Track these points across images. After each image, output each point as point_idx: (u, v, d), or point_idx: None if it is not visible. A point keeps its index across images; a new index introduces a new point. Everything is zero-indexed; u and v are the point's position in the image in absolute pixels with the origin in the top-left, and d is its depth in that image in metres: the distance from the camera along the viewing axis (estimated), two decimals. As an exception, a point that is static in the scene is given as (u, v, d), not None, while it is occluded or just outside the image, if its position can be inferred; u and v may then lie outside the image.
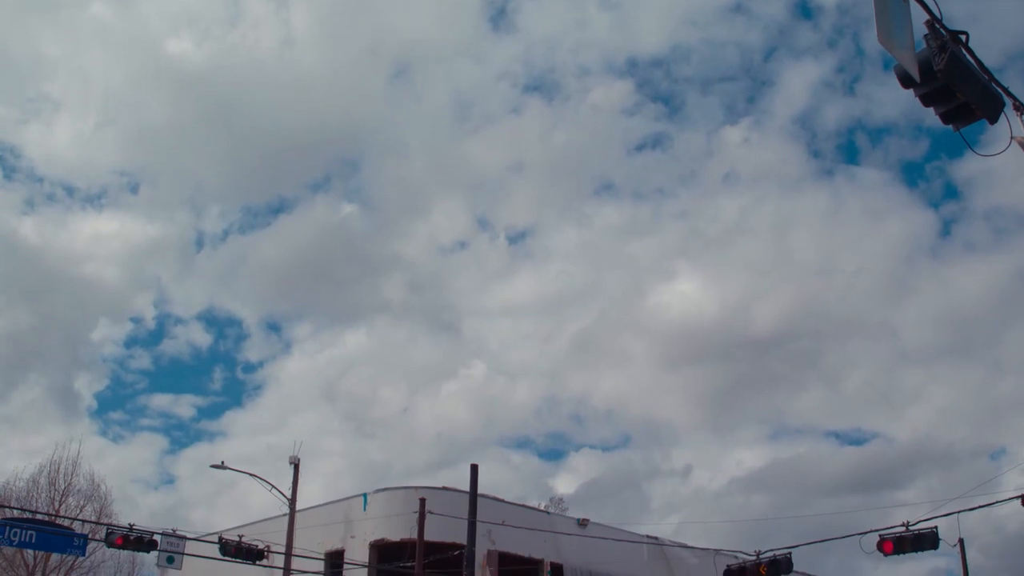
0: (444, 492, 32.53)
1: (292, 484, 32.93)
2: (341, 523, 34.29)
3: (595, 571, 36.13)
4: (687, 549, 39.47)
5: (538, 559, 35.10)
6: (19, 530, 25.31)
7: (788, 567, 25.99)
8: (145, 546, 26.38)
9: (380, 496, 34.15)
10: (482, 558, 31.62)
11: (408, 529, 30.39)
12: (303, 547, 31.34)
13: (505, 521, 32.77)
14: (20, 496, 39.05)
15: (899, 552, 23.72)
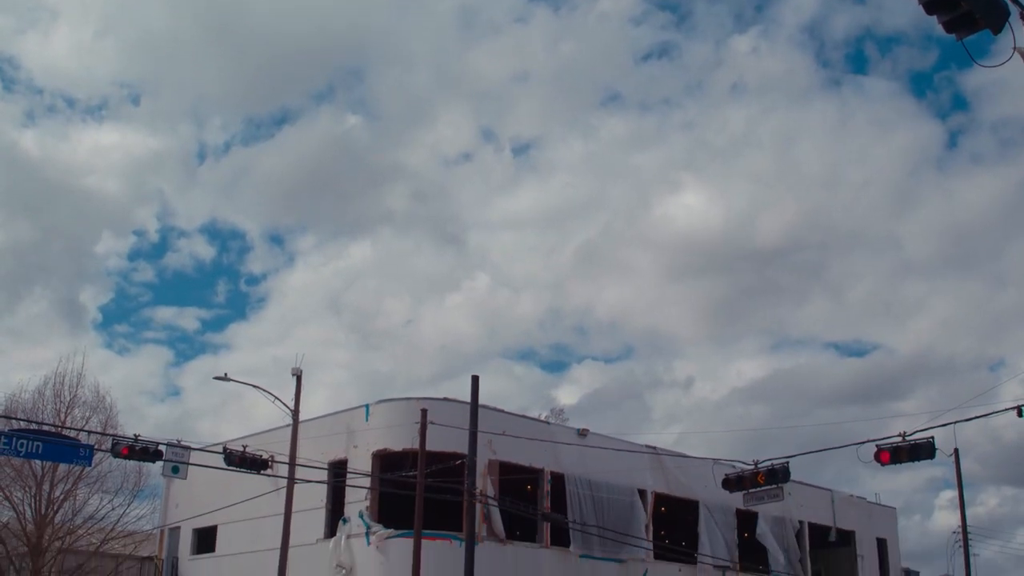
0: (445, 403, 32.84)
1: (295, 395, 33.27)
2: (344, 433, 34.70)
3: (594, 480, 36.67)
4: (686, 459, 40.00)
5: (538, 468, 35.60)
6: (26, 441, 25.55)
7: (785, 476, 26.32)
8: (150, 456, 26.68)
9: (382, 407, 34.48)
10: (483, 467, 32.06)
11: (410, 439, 30.75)
12: (306, 457, 31.78)
13: (506, 431, 33.13)
14: (26, 408, 39.41)
15: (896, 462, 23.98)
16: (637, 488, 38.36)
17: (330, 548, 33.50)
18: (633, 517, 37.79)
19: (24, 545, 39.12)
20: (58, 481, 39.96)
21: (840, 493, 48.94)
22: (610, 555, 36.74)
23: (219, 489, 35.62)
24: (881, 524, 51.22)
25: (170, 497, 42.12)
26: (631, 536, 36.58)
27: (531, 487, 35.85)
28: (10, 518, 40.21)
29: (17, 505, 39.79)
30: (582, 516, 35.93)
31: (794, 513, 44.18)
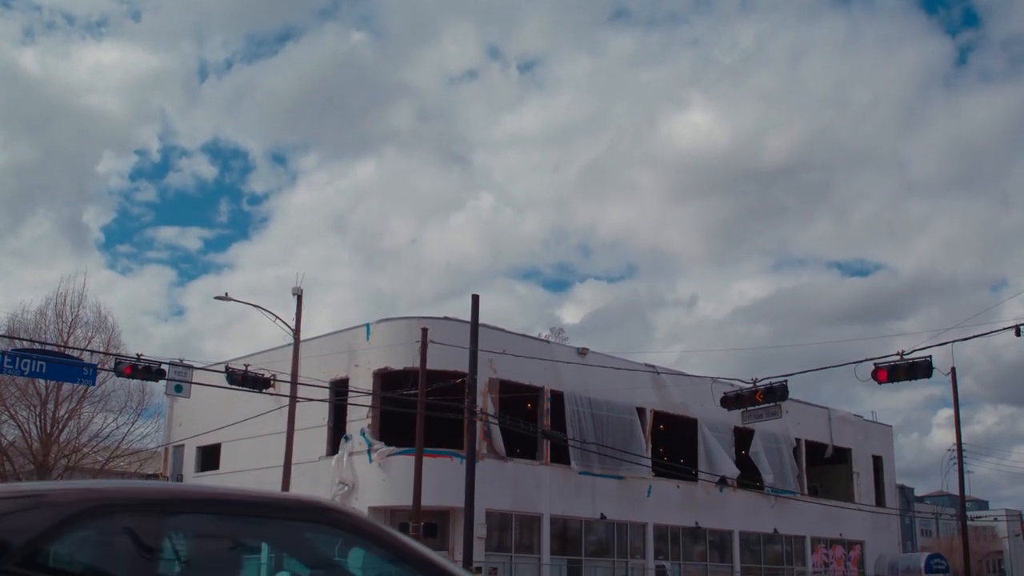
0: (446, 322, 32.95)
1: (296, 315, 33.35)
2: (345, 352, 34.89)
3: (594, 398, 36.98)
4: (685, 377, 40.28)
5: (539, 387, 35.87)
6: (29, 360, 25.70)
7: (784, 394, 26.50)
8: (153, 375, 26.84)
9: (383, 326, 34.62)
10: (483, 386, 32.29)
11: (411, 358, 30.92)
12: (308, 376, 31.98)
13: (506, 350, 33.30)
14: (29, 328, 39.51)
15: (893, 380, 24.11)
16: (636, 406, 38.71)
17: (332, 465, 33.95)
18: (632, 435, 38.21)
19: (31, 463, 39.60)
20: (62, 400, 40.26)
21: (837, 411, 49.41)
22: (610, 472, 37.24)
23: (222, 408, 35.96)
24: (877, 442, 51.81)
25: (174, 416, 42.54)
26: (630, 453, 37.02)
27: (531, 405, 36.16)
28: (16, 437, 40.63)
29: (23, 424, 40.17)
30: (582, 434, 36.32)
31: (791, 431, 44.66)
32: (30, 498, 4.35)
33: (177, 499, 4.59)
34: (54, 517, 4.10)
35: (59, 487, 4.49)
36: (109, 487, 4.55)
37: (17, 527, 4.02)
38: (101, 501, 4.30)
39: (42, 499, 4.31)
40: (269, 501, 4.76)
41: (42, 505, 4.21)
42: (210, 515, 4.48)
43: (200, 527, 4.45)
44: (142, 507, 4.32)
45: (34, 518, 4.09)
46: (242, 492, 4.80)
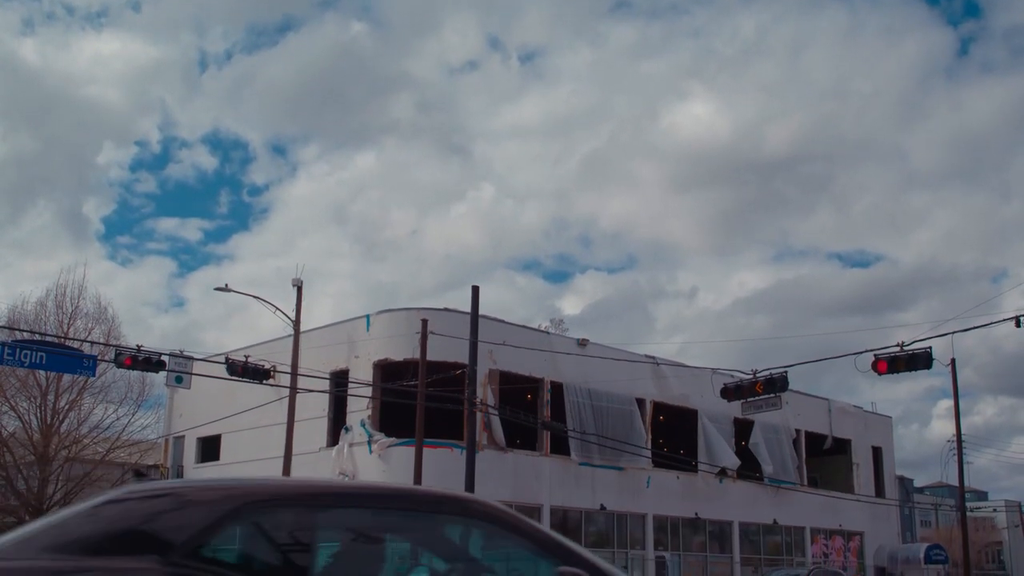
0: (446, 313, 32.95)
1: (296, 306, 33.34)
2: (345, 343, 34.89)
3: (594, 389, 37.00)
4: (685, 368, 40.29)
5: (538, 378, 35.88)
6: (30, 351, 25.69)
7: (784, 385, 26.50)
8: (153, 366, 26.82)
9: (383, 317, 34.62)
10: (484, 377, 32.31)
11: (411, 349, 30.93)
12: (309, 367, 31.99)
13: (506, 341, 33.30)
14: (29, 319, 39.52)
15: (893, 371, 24.09)
16: (636, 397, 38.73)
17: (333, 456, 33.98)
18: (632, 426, 38.24)
19: (31, 454, 39.64)
20: (63, 391, 40.27)
21: (837, 402, 49.44)
22: (609, 463, 37.28)
23: (223, 399, 35.98)
24: (876, 433, 51.86)
25: (174, 407, 42.57)
26: (630, 444, 37.05)
27: (531, 396, 36.18)
28: (16, 428, 40.65)
29: (23, 415, 40.18)
30: (581, 425, 36.35)
31: (791, 422, 44.69)
32: (190, 495, 4.57)
33: (324, 494, 4.78)
34: (214, 513, 4.33)
35: (217, 484, 4.74)
36: (264, 483, 4.82)
37: (180, 523, 4.26)
38: (256, 497, 4.53)
39: (202, 496, 4.53)
40: (412, 494, 5.00)
41: (203, 501, 4.44)
42: (354, 509, 4.66)
43: (344, 521, 4.62)
44: (292, 502, 4.57)
45: (196, 514, 4.31)
46: (386, 486, 5.11)
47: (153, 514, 4.35)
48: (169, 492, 4.71)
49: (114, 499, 4.48)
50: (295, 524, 4.47)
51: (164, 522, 4.29)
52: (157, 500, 4.50)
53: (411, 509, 4.74)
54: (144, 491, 4.60)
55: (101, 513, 4.37)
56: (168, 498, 4.54)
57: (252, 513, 4.43)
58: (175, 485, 4.91)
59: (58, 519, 4.41)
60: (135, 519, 4.33)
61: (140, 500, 4.49)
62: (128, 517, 4.34)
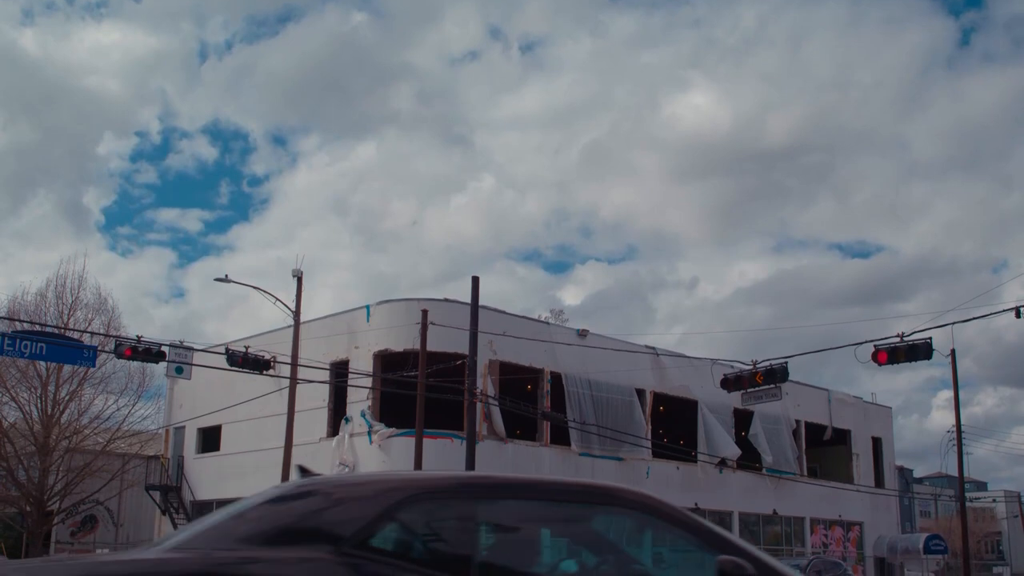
0: (446, 303, 32.95)
1: (296, 296, 33.35)
2: (345, 334, 34.90)
3: (594, 380, 37.02)
4: (685, 359, 40.30)
5: (538, 368, 35.90)
6: (30, 342, 25.69)
7: (784, 376, 26.51)
8: (153, 357, 26.78)
9: (383, 308, 34.62)
10: (484, 367, 32.32)
11: (411, 340, 30.93)
12: (309, 357, 32.00)
13: (506, 332, 33.33)
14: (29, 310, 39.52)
15: (893, 362, 24.10)
16: (636, 388, 38.75)
17: (333, 446, 34.02)
18: (632, 416, 38.26)
19: (32, 444, 39.68)
20: (63, 382, 40.30)
21: (836, 393, 49.47)
22: (609, 453, 37.30)
23: (223, 389, 36.01)
24: (876, 423, 51.91)
25: (174, 398, 42.59)
26: (630, 435, 37.08)
27: (531, 387, 36.21)
28: (17, 418, 40.70)
29: (23, 406, 40.22)
30: (581, 415, 36.38)
31: (791, 413, 44.73)
32: (359, 488, 4.83)
33: (483, 485, 4.97)
34: (381, 505, 4.53)
35: (384, 477, 5.04)
36: (427, 475, 5.09)
37: (350, 515, 4.48)
38: (421, 488, 4.75)
39: (370, 488, 4.76)
40: (568, 486, 5.11)
41: (371, 494, 4.66)
42: (512, 500, 4.81)
43: (503, 512, 4.77)
44: (454, 493, 4.76)
45: (364, 506, 4.53)
46: (543, 478, 5.19)
47: (324, 507, 4.57)
48: (338, 485, 4.94)
49: (287, 493, 4.74)
50: (457, 515, 4.64)
51: (334, 514, 4.51)
52: (327, 493, 4.71)
53: (567, 500, 4.87)
54: (315, 485, 4.81)
55: (275, 506, 4.63)
56: (338, 491, 4.76)
57: (417, 504, 4.61)
58: (344, 479, 5.30)
59: (236, 511, 4.66)
60: (307, 512, 4.55)
61: (311, 493, 4.70)
62: (301, 510, 4.57)
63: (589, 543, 5.04)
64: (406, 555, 4.57)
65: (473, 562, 4.48)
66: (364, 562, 4.32)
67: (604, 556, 4.97)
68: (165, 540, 4.63)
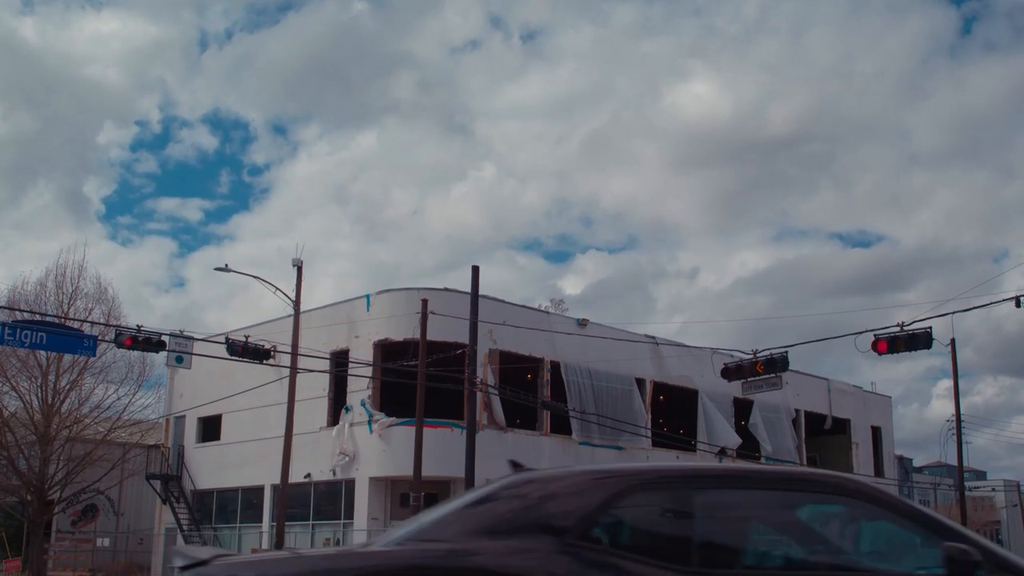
0: (446, 293, 32.94)
1: (296, 286, 33.35)
2: (345, 324, 34.90)
3: (594, 369, 37.03)
4: (685, 348, 40.32)
5: (538, 358, 35.91)
6: (30, 332, 25.68)
7: (784, 365, 26.52)
8: (153, 346, 26.79)
9: (383, 297, 34.61)
10: (484, 357, 32.33)
11: (411, 329, 30.93)
12: (309, 347, 32.01)
13: (506, 321, 33.32)
14: (29, 299, 39.54)
15: (893, 352, 24.09)
16: (635, 377, 38.76)
17: (333, 436, 34.06)
18: (631, 406, 38.29)
19: (32, 434, 39.72)
20: (63, 371, 40.34)
21: (836, 382, 49.50)
22: (609, 442, 37.33)
23: (223, 379, 36.04)
24: (876, 413, 51.95)
25: (174, 387, 42.61)
26: (629, 424, 37.11)
27: (531, 376, 36.23)
28: (17, 408, 40.75)
29: (24, 395, 40.27)
30: (581, 404, 36.41)
31: (791, 402, 44.76)
32: (578, 479, 4.96)
33: (700, 476, 5.10)
34: (601, 496, 4.67)
35: (602, 469, 5.15)
36: (644, 467, 5.27)
37: (570, 506, 4.62)
38: (639, 479, 4.89)
39: (589, 480, 4.91)
40: (786, 476, 5.23)
41: (590, 485, 4.81)
42: (729, 490, 4.89)
43: (720, 501, 4.83)
44: (672, 484, 4.87)
45: (584, 497, 4.66)
46: (761, 468, 5.47)
47: (544, 499, 4.73)
48: (558, 478, 5.04)
49: (506, 486, 4.90)
50: (675, 505, 4.74)
51: (555, 506, 4.66)
52: (546, 486, 4.87)
53: (784, 489, 4.93)
54: (533, 478, 4.96)
55: (497, 499, 4.83)
56: (558, 483, 4.91)
57: (635, 495, 4.75)
58: (563, 471, 5.22)
59: (458, 505, 4.89)
60: (528, 504, 4.72)
61: (533, 486, 4.87)
62: (522, 502, 4.74)
63: (806, 532, 5.06)
64: (626, 545, 4.67)
65: (691, 551, 4.55)
66: (586, 552, 4.46)
67: (821, 545, 5.00)
68: (391, 535, 4.87)
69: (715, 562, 4.58)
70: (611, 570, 4.44)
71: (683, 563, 4.47)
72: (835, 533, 5.00)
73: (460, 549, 4.47)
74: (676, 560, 4.48)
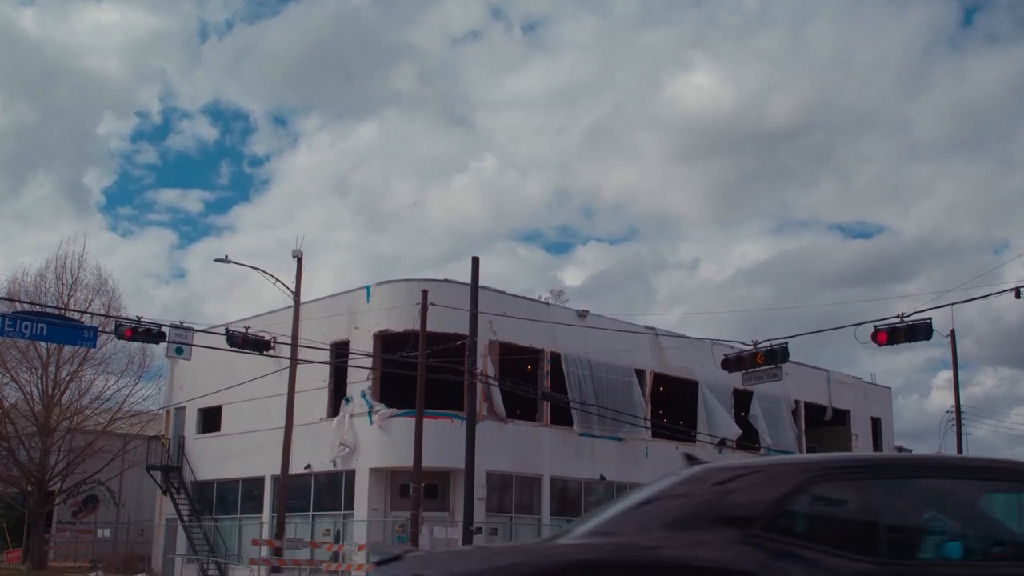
0: (446, 284, 32.94)
1: (296, 277, 33.39)
2: (345, 315, 34.91)
3: (593, 360, 37.03)
4: (685, 339, 40.31)
5: (538, 348, 35.91)
6: (30, 323, 25.71)
7: (784, 356, 26.51)
8: (153, 338, 26.79)
9: (383, 288, 34.60)
10: (484, 348, 32.33)
11: (411, 320, 30.92)
12: (309, 338, 32.01)
13: (506, 313, 33.31)
14: (29, 290, 39.59)
15: (892, 343, 24.07)
16: (636, 368, 38.77)
17: (333, 427, 34.08)
18: (631, 397, 38.31)
19: (33, 425, 39.79)
20: (64, 363, 40.41)
21: (836, 373, 49.51)
22: (609, 433, 37.38)
23: (223, 370, 36.03)
24: (876, 404, 51.96)
25: (175, 378, 42.62)
26: (629, 415, 37.13)
27: (531, 367, 36.23)
28: (18, 399, 40.84)
29: (24, 386, 40.36)
30: (581, 396, 36.42)
31: (791, 393, 44.77)
32: (762, 471, 5.02)
33: (884, 465, 5.12)
34: (785, 487, 4.68)
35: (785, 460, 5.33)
36: (829, 457, 5.28)
37: (755, 497, 4.65)
38: (825, 469, 4.91)
39: (773, 471, 4.96)
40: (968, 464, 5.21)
41: (774, 477, 4.84)
42: (911, 479, 4.87)
43: (905, 490, 4.83)
44: (855, 474, 4.87)
45: (769, 489, 4.68)
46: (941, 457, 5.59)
47: (728, 491, 4.78)
48: (739, 470, 5.10)
49: (688, 478, 4.94)
50: (861, 494, 4.71)
51: (739, 497, 4.69)
52: (730, 478, 4.92)
53: (967, 477, 4.89)
54: (714, 470, 5.02)
55: (680, 492, 4.86)
56: (740, 475, 4.95)
57: (821, 485, 4.74)
58: (743, 464, 5.32)
59: (640, 498, 4.95)
60: (713, 496, 4.77)
61: (713, 478, 4.91)
62: (705, 494, 4.78)
63: (988, 521, 5.03)
64: (811, 536, 4.64)
65: (878, 542, 4.53)
66: (772, 543, 4.46)
67: (1003, 533, 4.97)
68: (573, 529, 4.93)
69: (901, 552, 4.57)
70: (798, 561, 4.44)
71: (871, 553, 4.47)
72: (1017, 521, 5.00)
73: (647, 543, 4.50)
74: (863, 551, 4.48)
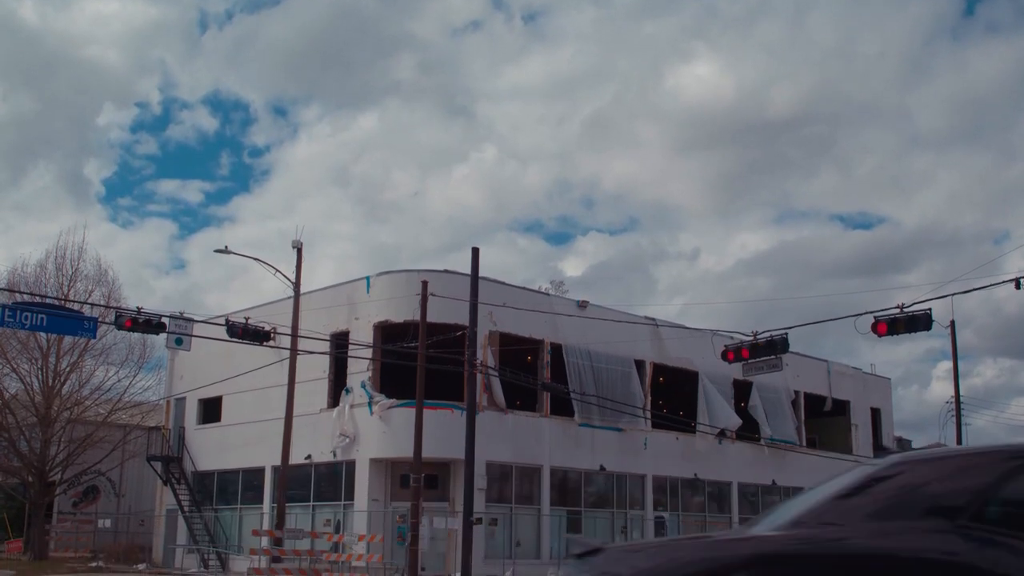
0: (446, 275, 32.93)
1: (296, 268, 33.37)
2: (345, 305, 34.91)
3: (593, 351, 37.05)
4: (685, 330, 40.32)
5: (539, 339, 35.93)
6: (30, 313, 25.66)
7: (784, 347, 26.46)
8: (153, 328, 26.71)
9: (383, 279, 34.60)
10: (484, 338, 32.34)
11: (411, 311, 30.94)
12: (309, 329, 32.03)
13: (506, 303, 33.32)
14: (29, 281, 39.57)
15: (892, 333, 24.01)
16: (635, 359, 38.80)
17: (333, 417, 34.12)
18: (631, 387, 38.33)
19: (33, 416, 39.80)
20: (64, 353, 40.41)
21: (836, 364, 49.55)
22: (609, 424, 37.42)
23: (224, 360, 36.04)
24: (875, 394, 52.01)
25: (175, 369, 42.66)
26: (629, 406, 37.16)
27: (531, 358, 36.25)
28: (18, 390, 40.83)
29: (24, 377, 40.35)
30: (581, 386, 36.45)
31: (791, 384, 44.80)
32: (966, 459, 4.94)
33: None
34: (993, 475, 4.59)
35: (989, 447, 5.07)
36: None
37: (961, 486, 4.57)
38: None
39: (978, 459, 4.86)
40: None
41: (979, 465, 4.74)
42: None
43: None
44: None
45: (975, 477, 4.60)
46: None
47: (931, 480, 4.69)
48: (941, 459, 5.02)
49: (887, 467, 4.91)
50: None
51: (943, 487, 4.61)
52: (932, 467, 4.84)
53: None
54: (915, 459, 4.97)
55: (878, 481, 4.79)
56: (942, 464, 4.87)
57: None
58: (942, 452, 5.32)
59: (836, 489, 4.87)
60: (915, 485, 4.67)
61: (914, 468, 4.84)
62: (908, 484, 4.70)
63: None
64: (1020, 525, 4.51)
65: None
66: (980, 532, 4.38)
67: None
68: (769, 521, 4.90)
69: None
70: (1008, 551, 4.35)
71: None
72: None
73: (850, 533, 4.45)
74: None
